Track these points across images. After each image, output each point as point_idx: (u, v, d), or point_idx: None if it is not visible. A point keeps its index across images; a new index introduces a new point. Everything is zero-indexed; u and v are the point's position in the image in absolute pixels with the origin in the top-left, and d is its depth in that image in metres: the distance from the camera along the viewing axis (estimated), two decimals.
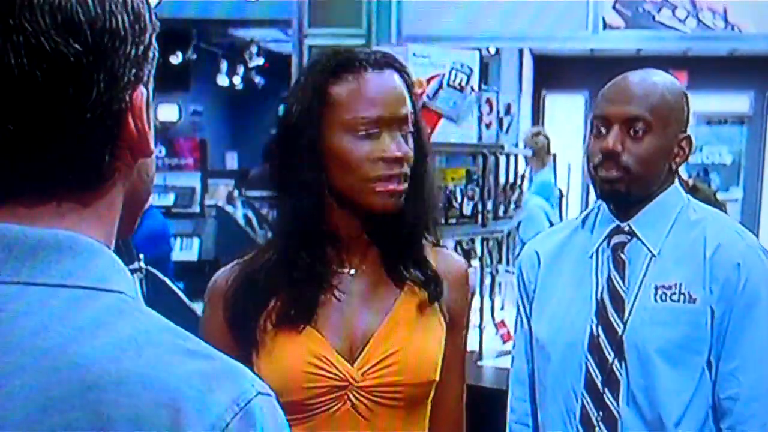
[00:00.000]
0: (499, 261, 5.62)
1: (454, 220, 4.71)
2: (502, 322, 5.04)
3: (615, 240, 2.39)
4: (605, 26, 7.99)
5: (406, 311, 1.96)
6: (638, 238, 2.37)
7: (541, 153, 8.19)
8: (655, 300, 2.30)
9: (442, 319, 2.01)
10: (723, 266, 2.26)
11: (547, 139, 8.45)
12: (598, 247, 2.41)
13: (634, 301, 2.32)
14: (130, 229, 1.09)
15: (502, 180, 5.33)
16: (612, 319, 2.32)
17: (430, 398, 2.00)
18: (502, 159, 5.40)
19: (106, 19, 0.93)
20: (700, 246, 2.31)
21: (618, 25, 8.00)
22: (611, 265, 2.37)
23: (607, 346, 2.31)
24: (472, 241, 5.49)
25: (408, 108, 1.93)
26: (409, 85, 1.96)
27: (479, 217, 4.74)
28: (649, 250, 2.35)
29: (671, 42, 8.20)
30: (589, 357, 2.34)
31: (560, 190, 9.14)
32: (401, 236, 1.95)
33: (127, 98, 0.96)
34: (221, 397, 0.90)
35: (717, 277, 2.26)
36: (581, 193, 12.86)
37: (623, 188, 2.32)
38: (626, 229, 2.38)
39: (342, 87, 1.87)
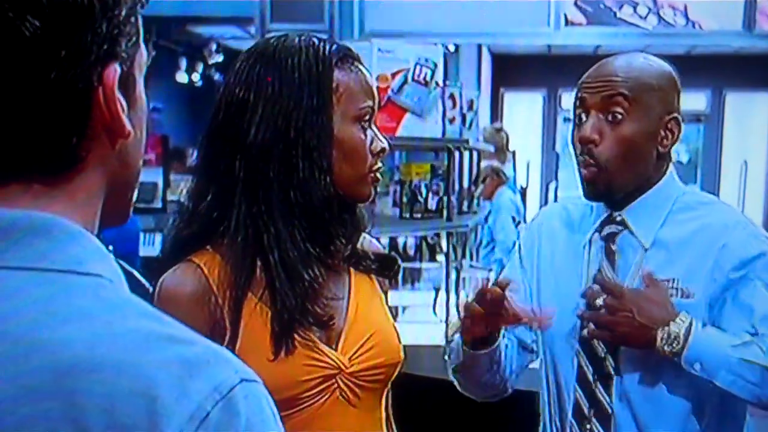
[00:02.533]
0: (464, 256, 5.62)
1: (419, 215, 4.72)
2: None
3: (606, 230, 2.29)
4: (567, 22, 8.05)
5: (362, 294, 1.95)
6: (629, 230, 2.27)
7: (502, 149, 8.24)
8: None
9: (383, 297, 2.03)
10: (728, 259, 2.16)
11: (507, 135, 8.51)
12: (590, 237, 2.32)
13: None
14: (122, 217, 1.05)
15: (466, 175, 5.34)
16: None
17: None
18: (467, 154, 5.42)
19: None
20: (699, 239, 2.22)
21: (579, 22, 8.06)
22: (603, 257, 2.28)
23: (600, 342, 2.24)
24: (437, 235, 5.51)
25: None
26: None
27: (444, 211, 4.74)
28: (640, 243, 2.25)
29: (631, 39, 8.25)
30: (580, 351, 2.27)
31: (522, 187, 9.20)
32: (355, 221, 1.94)
33: (96, 76, 0.90)
34: (201, 385, 0.85)
35: (722, 267, 2.16)
36: (540, 190, 12.93)
37: (602, 187, 2.23)
38: (618, 219, 2.28)
39: (347, 76, 1.84)
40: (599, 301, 2.18)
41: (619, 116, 2.19)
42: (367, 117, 1.86)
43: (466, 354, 2.28)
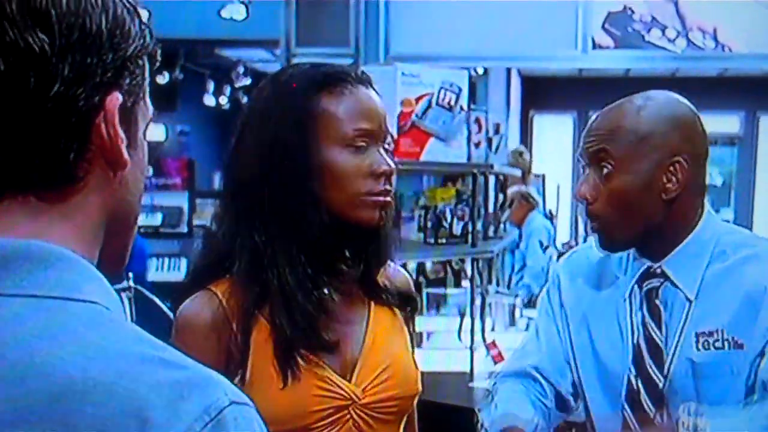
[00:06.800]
0: (489, 281, 5.58)
1: (443, 240, 4.68)
2: (493, 342, 4.99)
3: (647, 285, 2.19)
4: (594, 46, 7.99)
5: (380, 326, 1.96)
6: (672, 282, 2.16)
7: (526, 172, 8.18)
8: (698, 349, 2.11)
9: (405, 329, 2.03)
10: None
11: (530, 157, 8.46)
12: (631, 290, 2.22)
13: (674, 350, 2.14)
14: (118, 262, 1.08)
15: (491, 200, 5.30)
16: (651, 370, 2.16)
17: None
18: (492, 179, 5.38)
19: (78, 17, 0.92)
20: (742, 286, 2.10)
21: (607, 45, 8.00)
22: (646, 312, 2.18)
23: (648, 402, 2.15)
24: (462, 261, 5.47)
25: (388, 124, 1.92)
26: None
27: (469, 237, 4.70)
28: (685, 295, 2.15)
29: (660, 62, 8.20)
30: (627, 409, 2.18)
31: (550, 211, 9.14)
32: (376, 252, 1.93)
33: (97, 99, 0.94)
34: (191, 407, 0.87)
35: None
36: (570, 214, 12.86)
37: (607, 241, 2.18)
38: (658, 271, 2.18)
39: (333, 100, 1.83)
40: None
41: (608, 170, 2.12)
42: (362, 140, 1.84)
43: None
